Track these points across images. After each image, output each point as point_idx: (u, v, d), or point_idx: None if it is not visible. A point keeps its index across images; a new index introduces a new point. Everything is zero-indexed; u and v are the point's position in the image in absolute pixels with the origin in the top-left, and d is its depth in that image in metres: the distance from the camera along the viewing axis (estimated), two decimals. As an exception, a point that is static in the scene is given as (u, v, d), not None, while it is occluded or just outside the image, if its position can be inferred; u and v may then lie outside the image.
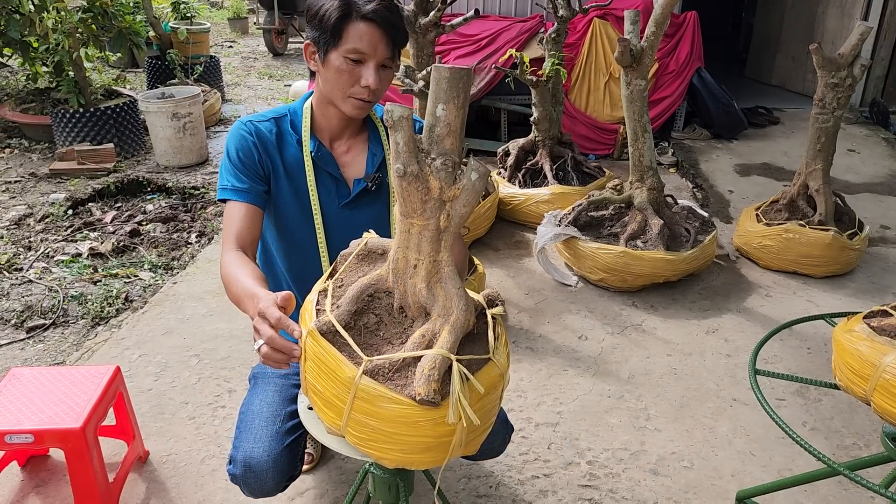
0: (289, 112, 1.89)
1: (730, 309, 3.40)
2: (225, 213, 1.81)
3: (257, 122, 1.83)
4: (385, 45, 1.65)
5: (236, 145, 1.80)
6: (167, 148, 5.24)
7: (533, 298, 3.48)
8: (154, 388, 2.77)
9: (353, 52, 1.63)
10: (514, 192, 4.22)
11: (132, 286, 3.58)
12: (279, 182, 1.85)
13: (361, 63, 1.65)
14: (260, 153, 1.81)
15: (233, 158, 1.78)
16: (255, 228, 1.78)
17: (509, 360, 1.33)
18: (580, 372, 2.91)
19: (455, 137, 1.15)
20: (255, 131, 1.81)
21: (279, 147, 1.85)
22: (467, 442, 1.24)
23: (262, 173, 1.81)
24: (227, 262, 1.66)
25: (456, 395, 1.14)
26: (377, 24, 1.61)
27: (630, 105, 3.46)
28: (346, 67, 1.65)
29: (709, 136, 5.60)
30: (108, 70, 8.29)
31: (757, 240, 3.76)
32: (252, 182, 1.78)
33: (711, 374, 2.91)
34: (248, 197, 1.77)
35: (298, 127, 1.86)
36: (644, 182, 3.56)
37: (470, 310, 1.24)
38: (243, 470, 1.67)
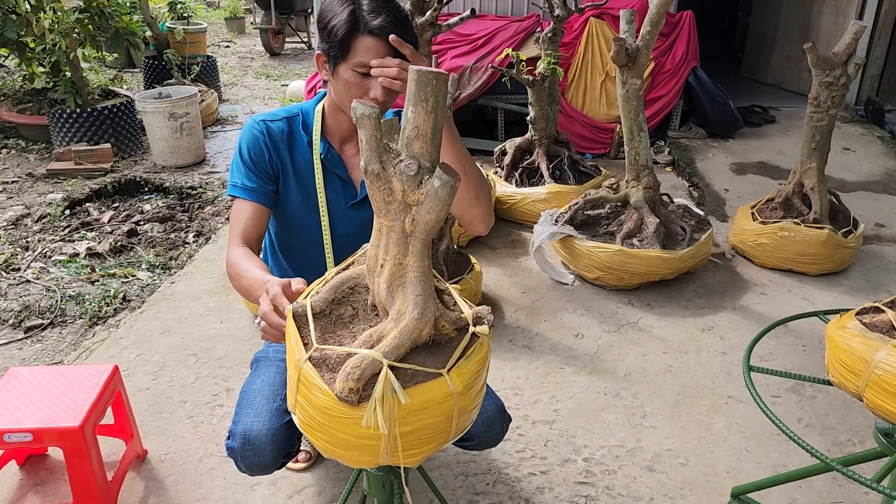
0: (301, 112, 1.91)
1: (725, 307, 3.42)
2: (233, 208, 1.85)
3: (269, 122, 1.87)
4: (393, 59, 1.64)
5: (248, 143, 1.84)
6: (164, 148, 5.25)
7: (530, 297, 3.50)
8: (152, 387, 2.78)
9: (361, 66, 1.65)
10: (511, 192, 4.23)
11: (130, 286, 3.59)
12: (288, 181, 1.89)
13: (367, 76, 1.66)
14: (270, 153, 1.85)
15: (244, 156, 1.83)
16: (261, 226, 1.84)
17: (478, 383, 1.26)
18: (577, 370, 2.93)
19: (425, 141, 1.13)
20: (267, 130, 1.85)
21: (290, 147, 1.88)
22: (408, 453, 1.21)
23: (271, 172, 1.85)
24: (235, 256, 1.73)
25: (373, 400, 1.13)
26: (383, 39, 1.62)
27: (626, 104, 3.47)
28: (354, 80, 1.67)
29: (705, 134, 5.62)
30: (105, 70, 8.29)
31: (752, 238, 3.78)
32: (261, 182, 1.83)
33: (707, 372, 2.92)
34: (256, 196, 1.82)
35: (310, 128, 1.89)
36: (640, 181, 3.57)
37: (425, 319, 1.21)
38: (242, 443, 1.70)
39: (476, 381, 1.26)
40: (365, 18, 1.63)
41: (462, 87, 5.07)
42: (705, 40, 5.57)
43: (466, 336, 1.26)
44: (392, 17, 1.64)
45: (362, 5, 1.65)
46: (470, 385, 1.23)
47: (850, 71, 3.55)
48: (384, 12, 1.64)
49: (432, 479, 2.06)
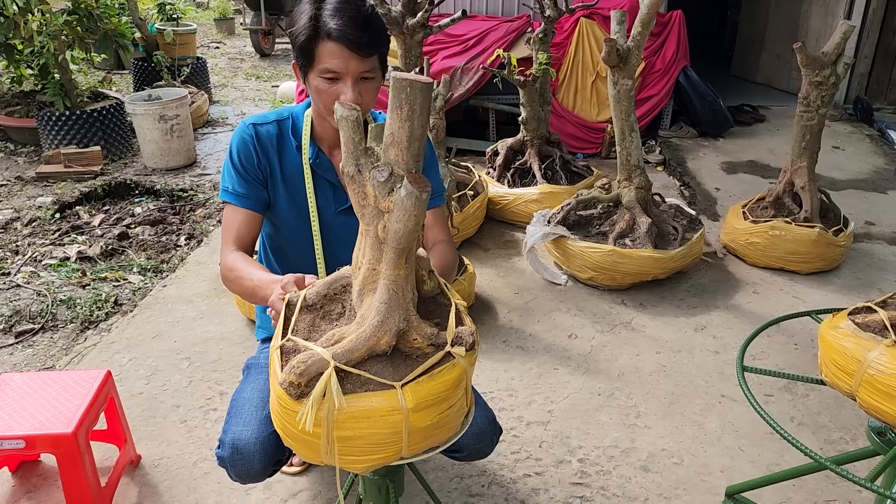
0: (291, 116, 1.90)
1: (718, 306, 3.43)
2: (225, 213, 1.86)
3: (259, 125, 1.86)
4: (358, 60, 1.64)
5: (238, 148, 1.84)
6: (154, 150, 5.23)
7: (523, 297, 3.50)
8: (145, 391, 2.77)
9: (327, 72, 1.65)
10: (504, 192, 4.24)
11: (121, 290, 3.57)
12: (276, 185, 1.89)
13: (336, 81, 1.66)
14: (259, 157, 1.85)
15: (234, 161, 1.83)
16: (253, 231, 1.86)
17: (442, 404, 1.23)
18: (571, 370, 2.93)
19: (400, 149, 1.13)
20: (256, 134, 1.85)
21: (279, 151, 1.87)
22: (350, 458, 1.21)
23: (261, 177, 1.85)
24: (232, 259, 1.75)
25: (311, 398, 1.14)
26: (343, 42, 1.61)
27: (617, 104, 3.48)
28: (323, 86, 1.67)
29: (695, 134, 5.64)
30: (94, 72, 8.24)
31: (744, 237, 3.79)
32: (252, 187, 1.83)
33: (700, 371, 2.93)
34: (247, 203, 1.83)
35: (299, 132, 1.88)
36: (632, 181, 3.58)
37: (384, 328, 1.21)
38: (231, 452, 1.70)
39: (439, 403, 1.22)
40: (324, 23, 1.62)
41: (453, 88, 5.07)
42: (695, 40, 5.58)
43: (438, 355, 1.24)
44: (350, 19, 1.61)
45: (323, 10, 1.63)
46: (427, 404, 1.20)
47: (839, 70, 3.57)
48: (344, 14, 1.62)
49: (427, 482, 2.06)
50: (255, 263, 1.74)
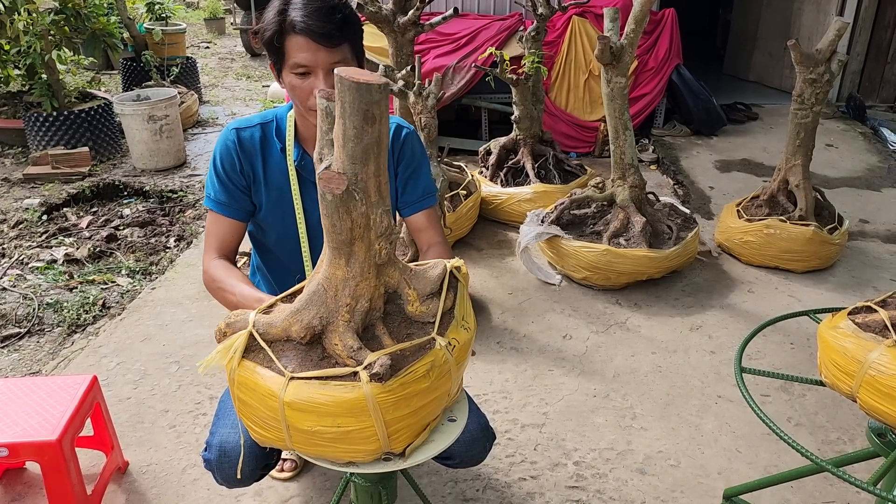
0: (275, 118, 1.87)
1: (713, 305, 3.41)
2: (209, 220, 1.85)
3: (242, 129, 1.83)
4: (327, 51, 1.60)
5: (221, 153, 1.81)
6: (144, 151, 5.17)
7: (517, 298, 3.47)
8: (133, 396, 2.72)
9: (297, 67, 1.62)
10: (497, 192, 4.20)
11: (109, 292, 3.52)
12: (261, 190, 1.85)
13: (308, 75, 1.63)
14: (241, 163, 1.81)
15: (217, 168, 1.80)
16: (236, 239, 1.85)
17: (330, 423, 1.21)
18: (565, 371, 2.90)
19: (338, 146, 1.13)
20: (238, 139, 1.81)
21: (263, 155, 1.84)
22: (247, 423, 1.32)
23: (244, 184, 1.82)
24: (215, 269, 1.74)
25: (218, 346, 1.31)
26: (308, 34, 1.58)
27: (611, 103, 3.45)
28: (296, 82, 1.64)
29: (689, 132, 5.62)
30: (83, 72, 8.17)
31: (738, 236, 3.77)
32: (234, 196, 1.80)
33: (696, 372, 2.90)
34: (229, 211, 1.81)
35: (283, 134, 1.85)
36: (626, 180, 3.55)
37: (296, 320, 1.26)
38: (218, 455, 1.67)
39: (321, 415, 1.20)
40: (290, 17, 1.59)
41: (445, 87, 5.03)
42: (686, 38, 5.55)
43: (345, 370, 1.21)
44: (315, 10, 1.58)
45: (290, 4, 1.61)
46: (308, 409, 1.19)
47: (833, 68, 3.54)
48: (308, 6, 1.59)
49: (420, 486, 2.02)
50: (238, 275, 1.71)
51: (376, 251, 1.23)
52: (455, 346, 1.30)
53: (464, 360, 1.35)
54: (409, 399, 1.23)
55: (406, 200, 1.92)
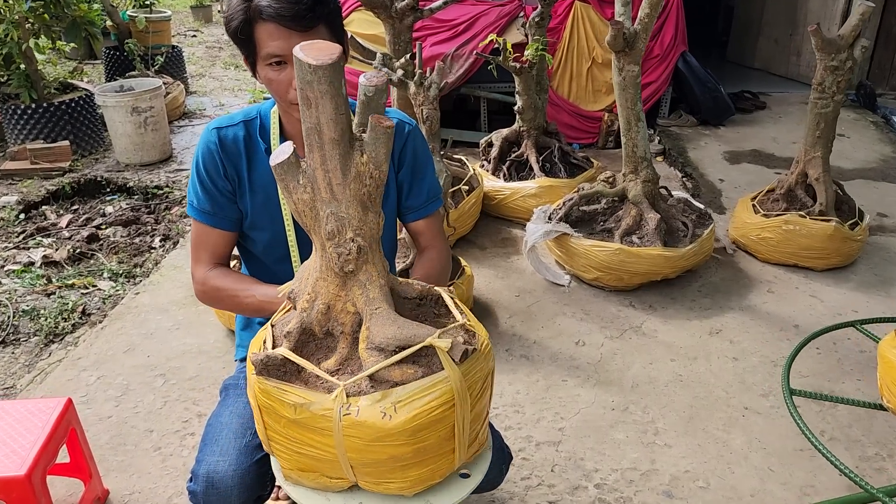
0: (259, 115, 1.68)
1: (732, 307, 3.22)
2: (194, 230, 1.66)
3: (224, 129, 1.64)
4: (301, 36, 1.41)
5: (203, 157, 1.63)
6: (127, 145, 4.93)
7: (524, 300, 3.27)
8: (114, 415, 2.51)
9: (270, 58, 1.45)
10: (500, 186, 3.99)
11: (90, 298, 3.30)
12: (246, 195, 1.66)
13: (285, 65, 1.45)
14: (225, 166, 1.63)
15: (200, 172, 1.63)
16: (228, 247, 1.70)
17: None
18: (580, 382, 2.71)
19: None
20: (219, 140, 1.62)
21: (247, 156, 1.65)
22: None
23: (229, 189, 1.64)
24: (215, 278, 1.61)
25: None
26: (278, 20, 1.40)
27: (622, 92, 3.25)
28: (272, 75, 1.47)
29: (695, 122, 5.42)
30: (65, 62, 7.89)
31: (755, 232, 3.58)
32: (220, 204, 1.63)
33: (719, 381, 2.72)
34: (215, 221, 1.65)
35: (267, 133, 1.66)
36: (638, 174, 3.35)
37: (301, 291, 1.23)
38: (205, 487, 1.47)
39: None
40: (255, 2, 1.42)
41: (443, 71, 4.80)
42: (688, 24, 5.33)
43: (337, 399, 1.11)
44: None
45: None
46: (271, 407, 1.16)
47: (856, 54, 3.35)
48: None
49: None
50: (246, 278, 1.62)
51: (329, 255, 1.14)
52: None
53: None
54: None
55: (410, 206, 1.74)
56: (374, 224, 1.19)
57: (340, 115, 1.09)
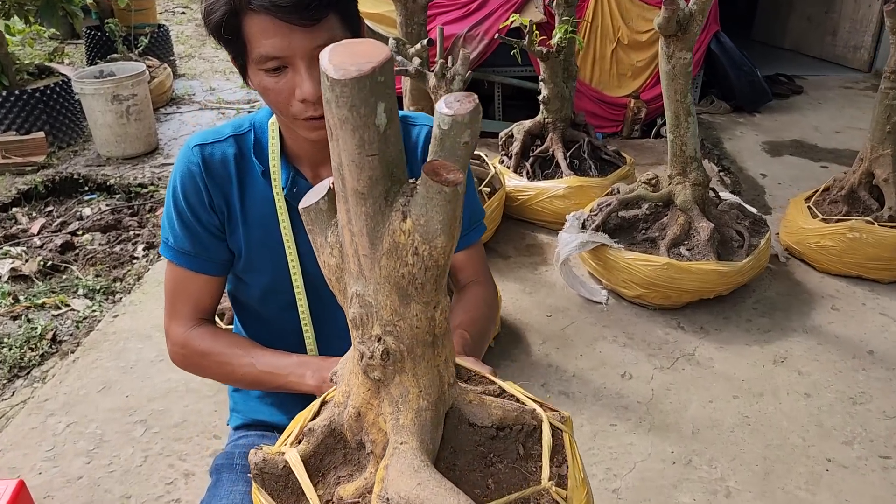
0: (253, 127, 1.29)
1: (794, 328, 2.83)
2: (170, 275, 1.30)
3: (208, 147, 1.26)
4: (304, 33, 1.05)
5: (181, 182, 1.26)
6: (108, 136, 4.48)
7: (557, 322, 2.87)
8: (86, 475, 2.12)
9: (264, 60, 1.07)
10: (523, 186, 3.57)
11: (62, 321, 2.89)
12: (238, 230, 1.27)
13: (285, 69, 1.08)
14: (210, 194, 1.25)
15: (178, 202, 1.26)
16: (214, 298, 1.34)
17: None
18: (631, 426, 2.32)
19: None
20: (204, 162, 1.24)
21: (240, 180, 1.27)
22: None
23: (216, 223, 1.26)
24: (200, 338, 1.28)
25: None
26: (273, 11, 1.02)
27: (671, 83, 2.83)
28: (269, 83, 1.09)
29: (729, 109, 4.99)
30: (45, 42, 7.40)
31: (814, 239, 3.18)
32: (205, 243, 1.27)
33: (793, 424, 2.34)
34: (199, 265, 1.29)
35: (264, 151, 1.26)
36: (687, 176, 2.94)
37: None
38: None
39: None
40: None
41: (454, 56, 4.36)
42: None
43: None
44: None
45: None
46: None
47: (938, 38, 2.92)
48: None
49: None
50: (241, 340, 1.29)
51: (355, 349, 0.80)
52: None
53: None
54: None
55: None
56: (417, 321, 0.79)
57: (368, 156, 0.70)
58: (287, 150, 1.27)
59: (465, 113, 0.68)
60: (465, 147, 0.71)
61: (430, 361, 0.82)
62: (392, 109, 0.69)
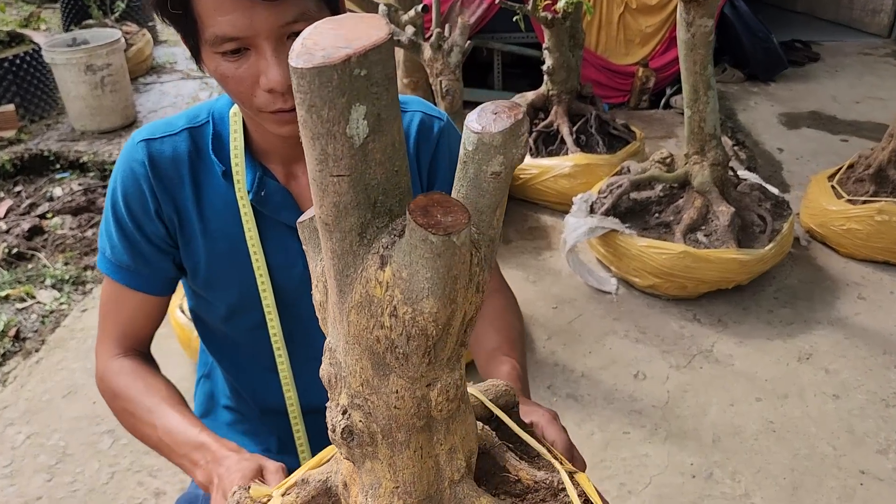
0: (211, 118, 1.07)
1: (818, 320, 2.62)
2: (105, 290, 1.12)
3: (157, 142, 1.04)
4: (270, 9, 0.83)
5: (122, 184, 1.04)
6: (82, 109, 4.21)
7: (564, 314, 2.66)
8: (45, 494, 1.92)
9: (220, 42, 0.86)
10: (526, 164, 3.33)
11: (26, 315, 2.67)
12: (195, 243, 1.07)
13: (246, 52, 0.87)
14: (157, 200, 1.04)
15: (117, 208, 1.05)
16: (151, 322, 1.13)
17: None
18: (646, 434, 2.13)
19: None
20: (150, 160, 1.03)
21: (194, 181, 1.06)
22: None
23: (161, 233, 1.06)
24: (118, 374, 1.06)
25: None
26: None
27: (690, 53, 2.57)
28: (227, 69, 0.88)
29: (742, 77, 4.72)
30: (21, 5, 7.05)
31: (839, 222, 2.95)
32: (147, 256, 1.06)
33: (822, 430, 2.14)
34: (138, 281, 1.08)
35: (225, 147, 1.05)
36: (705, 155, 2.70)
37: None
38: None
39: None
40: None
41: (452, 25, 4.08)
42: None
43: None
44: None
45: None
46: None
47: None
48: None
49: None
50: (158, 391, 1.04)
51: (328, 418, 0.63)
52: None
53: None
54: None
55: None
56: (398, 400, 0.61)
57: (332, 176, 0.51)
58: (253, 145, 1.06)
59: (496, 132, 0.47)
60: (495, 180, 0.50)
61: (419, 451, 0.61)
62: (381, 117, 0.47)
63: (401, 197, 0.52)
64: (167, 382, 1.08)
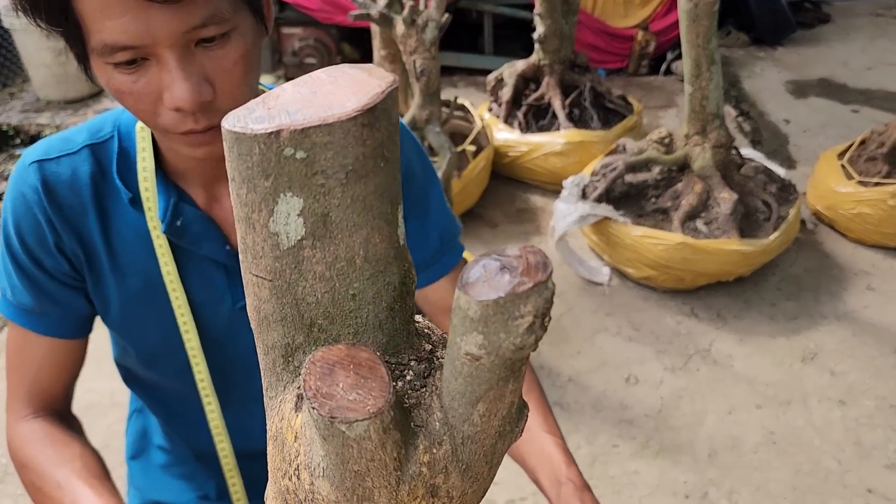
0: (117, 132, 0.89)
1: (824, 314, 2.45)
2: (10, 338, 0.94)
3: (52, 163, 0.87)
4: (170, 12, 0.65)
5: (13, 214, 0.87)
6: (47, 77, 3.97)
7: (553, 309, 2.45)
8: (-17, 521, 1.77)
9: (110, 51, 0.66)
10: (514, 140, 3.11)
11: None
12: (104, 280, 0.91)
13: (145, 62, 0.69)
14: (57, 232, 0.87)
15: (10, 242, 0.88)
16: (67, 371, 0.96)
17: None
18: (637, 448, 1.97)
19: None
20: (45, 185, 0.86)
21: (100, 210, 0.89)
22: None
23: (66, 269, 0.90)
24: (31, 440, 0.91)
25: None
26: None
27: (692, 24, 2.34)
28: (122, 83, 0.70)
29: (748, 41, 4.46)
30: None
31: (848, 205, 2.76)
32: (52, 295, 0.89)
33: (826, 442, 1.99)
34: (46, 325, 0.91)
35: (133, 167, 0.88)
36: (707, 136, 2.49)
37: None
38: None
39: None
40: None
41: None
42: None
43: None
44: None
45: None
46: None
47: None
48: None
49: None
50: (69, 463, 0.87)
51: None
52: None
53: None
54: None
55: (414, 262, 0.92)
56: None
57: (253, 274, 0.39)
58: (166, 164, 0.87)
59: (475, 300, 0.30)
60: (470, 363, 0.34)
61: None
62: (329, 219, 0.34)
63: (357, 329, 0.38)
64: (84, 449, 0.91)
